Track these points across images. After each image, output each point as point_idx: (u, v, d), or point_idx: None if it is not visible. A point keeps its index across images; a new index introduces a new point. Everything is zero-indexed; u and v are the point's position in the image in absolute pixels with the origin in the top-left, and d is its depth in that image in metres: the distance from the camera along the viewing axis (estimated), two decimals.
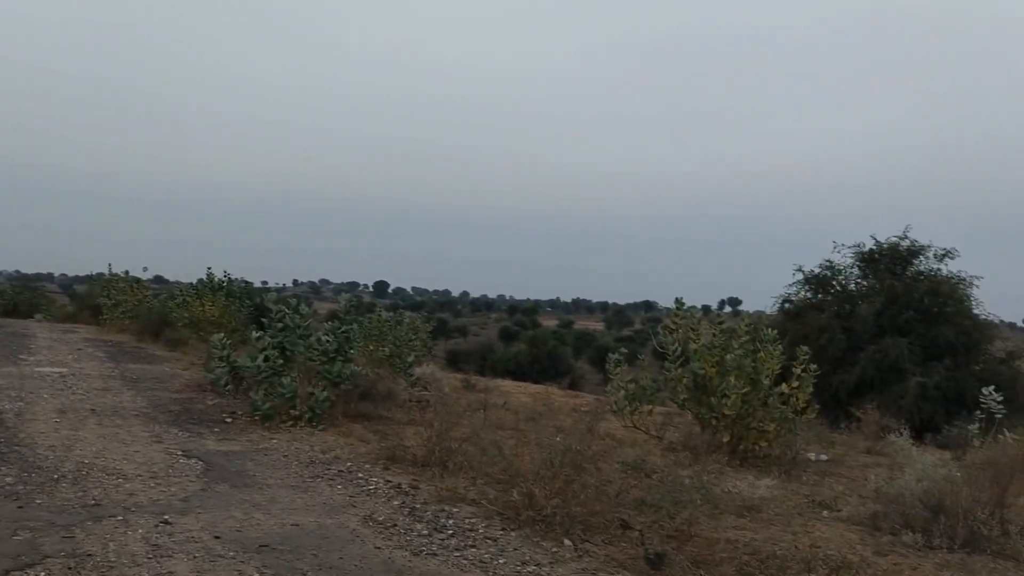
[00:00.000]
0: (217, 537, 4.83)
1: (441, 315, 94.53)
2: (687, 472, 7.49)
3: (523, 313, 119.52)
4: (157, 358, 15.39)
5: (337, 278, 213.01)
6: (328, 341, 9.62)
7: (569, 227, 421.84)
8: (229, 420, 8.97)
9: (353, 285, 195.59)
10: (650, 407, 9.83)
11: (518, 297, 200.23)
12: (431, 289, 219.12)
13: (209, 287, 20.09)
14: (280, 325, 9.53)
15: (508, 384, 17.70)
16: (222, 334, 10.49)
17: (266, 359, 9.32)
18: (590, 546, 5.22)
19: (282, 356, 9.43)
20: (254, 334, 10.01)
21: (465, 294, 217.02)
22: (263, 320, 10.01)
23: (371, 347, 13.61)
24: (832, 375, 16.08)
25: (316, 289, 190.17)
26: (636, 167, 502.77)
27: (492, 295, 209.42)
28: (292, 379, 9.08)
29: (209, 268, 20.70)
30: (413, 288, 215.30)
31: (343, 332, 9.81)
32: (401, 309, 18.32)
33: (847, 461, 9.52)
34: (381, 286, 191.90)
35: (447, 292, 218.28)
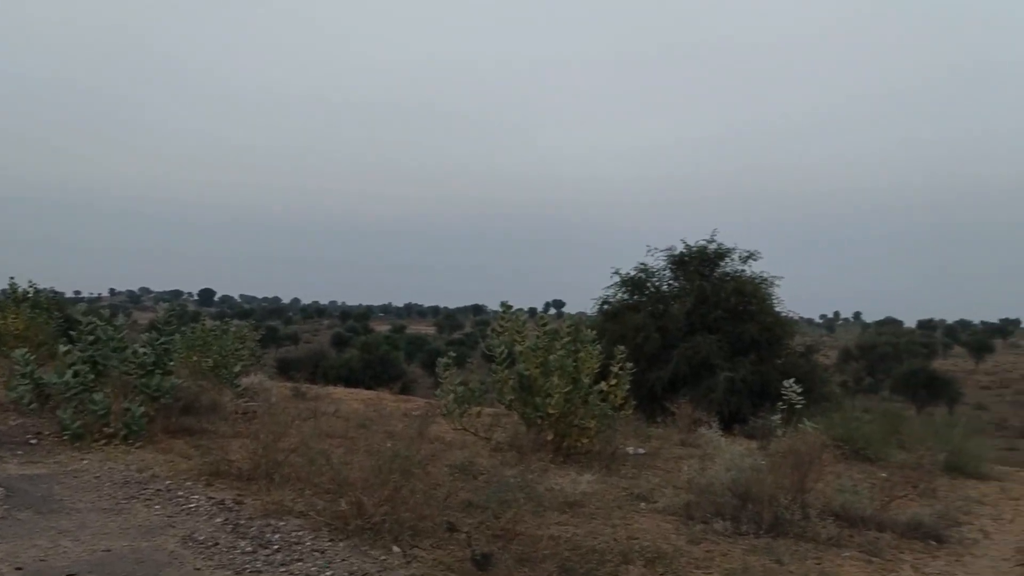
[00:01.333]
0: (19, 568, 4.56)
1: (271, 323, 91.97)
2: (513, 472, 7.71)
3: (355, 319, 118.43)
4: None
5: (159, 286, 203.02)
6: (145, 353, 9.18)
7: (400, 231, 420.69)
8: (34, 441, 8.39)
9: (176, 294, 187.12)
10: (479, 409, 9.99)
11: (350, 303, 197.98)
12: (260, 296, 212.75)
13: (12, 298, 18.55)
14: (91, 338, 9.01)
15: (340, 391, 17.41)
16: (26, 349, 9.78)
17: (75, 374, 8.78)
18: (419, 551, 5.30)
19: (93, 371, 8.91)
20: (62, 348, 9.40)
21: (296, 301, 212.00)
22: (72, 333, 9.43)
23: (194, 358, 13.05)
24: (648, 372, 16.63)
25: (135, 298, 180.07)
26: (463, 168, 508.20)
27: (324, 301, 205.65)
28: (105, 395, 8.60)
29: (12, 278, 19.16)
30: (241, 296, 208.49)
31: (162, 343, 9.40)
32: (228, 317, 17.59)
33: (663, 454, 10.01)
34: (207, 294, 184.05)
35: (277, 299, 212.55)
